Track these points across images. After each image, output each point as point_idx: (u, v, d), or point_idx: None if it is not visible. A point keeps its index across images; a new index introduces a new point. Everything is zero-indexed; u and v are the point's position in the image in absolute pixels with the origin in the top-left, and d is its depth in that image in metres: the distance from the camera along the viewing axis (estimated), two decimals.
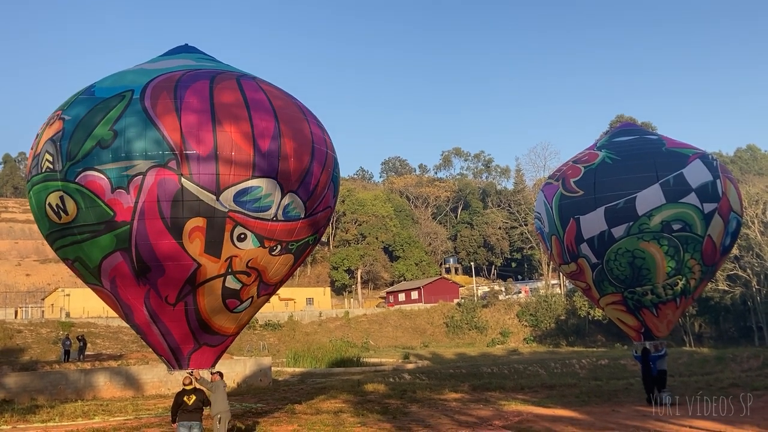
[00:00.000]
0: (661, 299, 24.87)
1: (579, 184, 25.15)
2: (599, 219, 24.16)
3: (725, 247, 24.73)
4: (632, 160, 24.70)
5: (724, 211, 24.08)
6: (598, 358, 70.36)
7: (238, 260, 18.17)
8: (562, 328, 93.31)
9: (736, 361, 65.76)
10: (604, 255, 24.55)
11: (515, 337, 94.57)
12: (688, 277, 24.36)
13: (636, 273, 24.44)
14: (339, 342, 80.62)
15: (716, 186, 24.01)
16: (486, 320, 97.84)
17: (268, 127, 18.02)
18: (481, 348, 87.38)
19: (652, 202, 23.51)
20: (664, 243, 23.69)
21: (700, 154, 24.74)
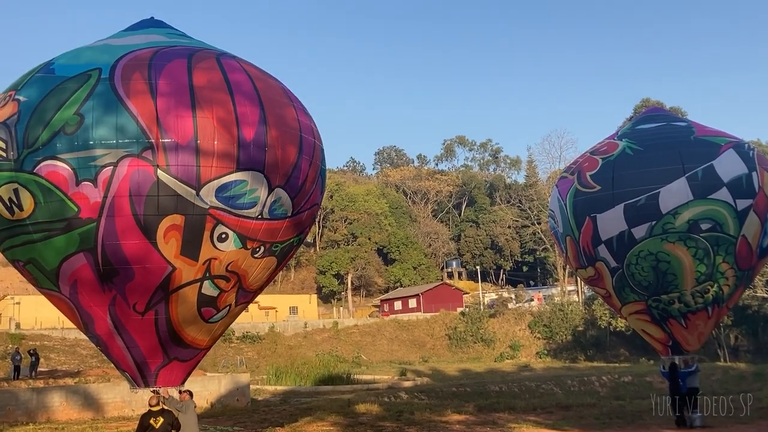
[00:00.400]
0: (690, 308, 25.07)
1: (596, 179, 25.24)
2: (618, 218, 24.26)
3: (763, 249, 24.80)
4: (656, 151, 24.75)
5: (761, 208, 24.07)
6: (621, 375, 70.77)
7: (218, 263, 18.12)
8: (580, 341, 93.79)
9: None
10: (625, 258, 24.66)
11: (527, 351, 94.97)
12: (720, 283, 24.49)
13: (661, 279, 24.58)
14: (327, 356, 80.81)
15: (752, 179, 24.00)
16: (494, 332, 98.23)
17: (252, 113, 18.00)
18: (488, 363, 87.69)
19: (677, 199, 23.60)
20: (691, 245, 23.80)
21: (734, 143, 24.76)
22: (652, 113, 28.30)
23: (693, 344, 26.45)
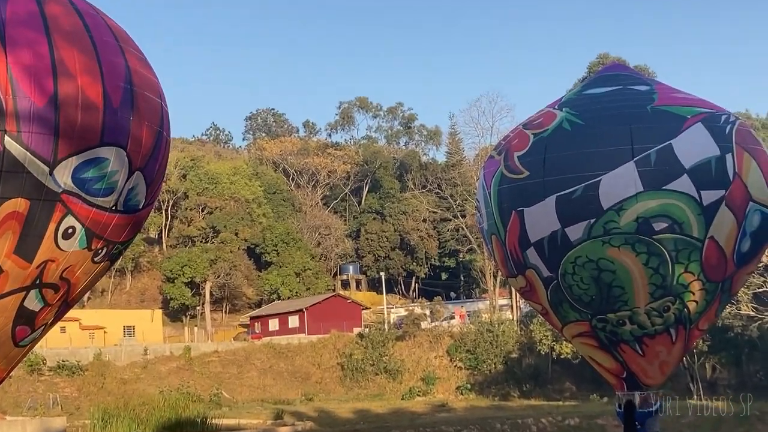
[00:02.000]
0: (646, 331, 25.52)
1: (524, 161, 25.44)
2: (549, 213, 24.51)
3: (743, 255, 25.21)
4: (599, 126, 25.04)
5: (738, 200, 24.42)
6: (566, 416, 72.51)
7: (53, 267, 18.29)
8: (514, 372, 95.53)
9: (764, 420, 69.24)
10: (559, 266, 25.04)
11: (445, 386, 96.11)
12: (684, 298, 24.94)
13: (605, 293, 24.96)
14: (175, 394, 79.78)
15: (724, 164, 24.29)
16: (401, 360, 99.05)
17: (117, 68, 18.19)
18: (394, 402, 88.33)
19: (622, 190, 23.84)
20: (641, 250, 24.10)
21: (705, 115, 25.11)
22: (609, 73, 28.78)
23: (654, 377, 26.99)
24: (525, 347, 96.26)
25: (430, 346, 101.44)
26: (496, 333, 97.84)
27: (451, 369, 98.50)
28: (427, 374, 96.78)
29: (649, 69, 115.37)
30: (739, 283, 26.33)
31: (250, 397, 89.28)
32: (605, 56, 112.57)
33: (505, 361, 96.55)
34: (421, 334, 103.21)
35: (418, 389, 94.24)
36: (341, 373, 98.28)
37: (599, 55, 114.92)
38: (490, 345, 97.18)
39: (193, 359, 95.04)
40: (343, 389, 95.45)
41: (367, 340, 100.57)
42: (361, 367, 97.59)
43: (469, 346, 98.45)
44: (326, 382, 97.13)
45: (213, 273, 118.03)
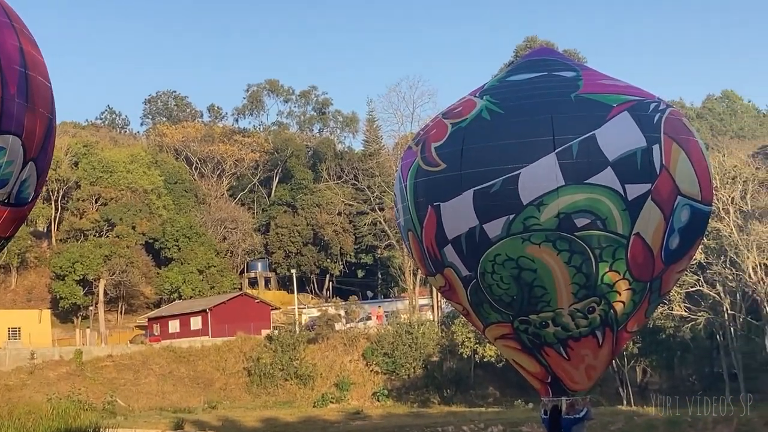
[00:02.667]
0: (570, 333, 25.94)
1: (441, 153, 25.63)
2: (467, 209, 24.69)
3: (672, 252, 25.67)
4: (520, 115, 25.24)
5: (665, 194, 24.81)
6: (489, 424, 73.28)
7: None
8: (435, 377, 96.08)
9: (696, 427, 70.73)
10: (478, 265, 25.28)
11: (360, 392, 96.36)
12: (610, 299, 25.34)
13: (527, 293, 25.26)
14: (65, 402, 78.95)
15: (651, 156, 24.65)
16: (313, 364, 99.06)
17: (12, 51, 18.34)
18: (305, 409, 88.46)
19: (543, 184, 24.05)
20: (563, 247, 24.42)
21: (632, 103, 25.43)
22: (535, 58, 29.13)
23: (581, 382, 27.44)
24: (446, 350, 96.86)
25: (345, 350, 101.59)
26: (416, 335, 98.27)
27: (367, 374, 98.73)
28: (341, 379, 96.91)
29: (579, 54, 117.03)
30: (669, 282, 26.67)
31: (147, 405, 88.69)
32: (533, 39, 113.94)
33: (425, 365, 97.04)
34: (335, 337, 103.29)
35: (332, 396, 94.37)
36: (248, 379, 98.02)
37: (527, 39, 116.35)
38: (409, 348, 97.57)
39: (84, 364, 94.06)
40: (250, 396, 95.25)
41: (276, 343, 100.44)
42: (270, 373, 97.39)
43: (386, 349, 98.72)
44: (231, 388, 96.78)
45: (107, 270, 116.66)
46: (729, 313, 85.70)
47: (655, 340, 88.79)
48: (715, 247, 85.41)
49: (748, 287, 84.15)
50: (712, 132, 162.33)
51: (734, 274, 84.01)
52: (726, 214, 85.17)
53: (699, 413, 72.93)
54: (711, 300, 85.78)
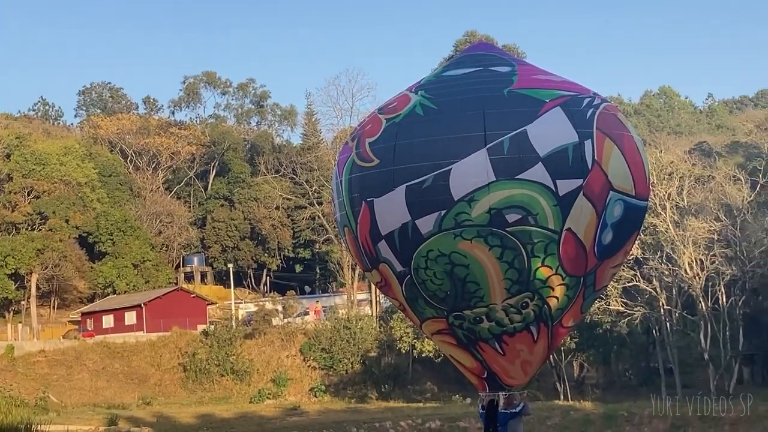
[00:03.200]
0: (504, 328, 25.99)
1: (375, 148, 25.66)
2: (400, 204, 24.77)
3: (605, 247, 25.79)
4: (452, 110, 25.27)
5: (597, 190, 24.91)
6: (426, 419, 73.55)
7: None
8: (373, 372, 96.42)
9: (632, 422, 71.52)
10: (411, 260, 25.37)
11: (297, 387, 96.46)
12: (543, 294, 25.45)
13: (460, 289, 25.29)
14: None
15: (583, 151, 24.72)
16: (250, 360, 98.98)
17: None
18: (242, 405, 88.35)
19: (474, 180, 24.10)
20: (495, 243, 24.47)
21: (566, 98, 25.52)
22: (473, 53, 29.09)
23: (517, 377, 27.55)
24: (384, 345, 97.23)
25: (282, 345, 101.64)
26: (354, 330, 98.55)
27: (305, 369, 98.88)
28: (278, 375, 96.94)
29: (518, 49, 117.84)
30: (604, 277, 26.81)
31: (80, 401, 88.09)
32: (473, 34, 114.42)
33: (363, 360, 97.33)
34: (272, 332, 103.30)
35: (268, 391, 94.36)
36: (183, 375, 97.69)
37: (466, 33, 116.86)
38: (347, 343, 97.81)
39: (16, 359, 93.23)
40: (185, 392, 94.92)
41: (212, 338, 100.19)
42: (206, 368, 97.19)
43: (324, 344, 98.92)
44: (166, 384, 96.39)
45: (40, 264, 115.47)
46: (665, 308, 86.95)
47: (592, 335, 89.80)
48: (651, 242, 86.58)
49: (684, 283, 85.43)
50: (649, 128, 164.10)
51: (670, 269, 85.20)
52: (663, 210, 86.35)
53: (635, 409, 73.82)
54: (647, 295, 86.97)
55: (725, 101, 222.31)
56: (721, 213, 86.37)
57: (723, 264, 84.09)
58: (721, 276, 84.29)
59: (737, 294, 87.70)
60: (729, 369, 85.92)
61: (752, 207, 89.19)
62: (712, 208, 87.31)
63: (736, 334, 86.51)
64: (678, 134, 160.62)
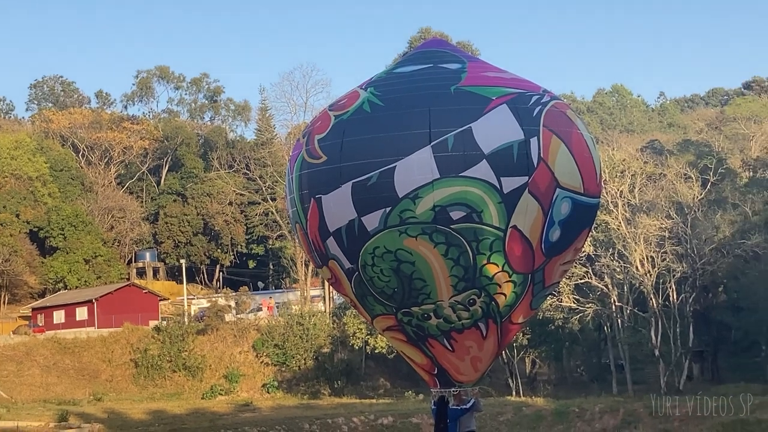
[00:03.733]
0: (453, 325, 26.20)
1: (323, 145, 25.85)
2: (346, 201, 24.96)
3: (553, 244, 25.94)
4: (398, 108, 25.44)
5: (543, 187, 24.98)
6: (379, 415, 73.79)
7: None
8: (326, 368, 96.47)
9: (583, 417, 72.16)
10: (359, 257, 25.57)
11: (250, 383, 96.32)
12: (490, 291, 25.64)
13: (407, 285, 25.53)
14: None
15: (528, 148, 24.80)
16: (202, 356, 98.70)
17: None
18: (194, 402, 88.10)
19: (418, 177, 24.26)
20: (439, 240, 24.63)
21: (513, 96, 25.58)
22: (425, 49, 29.29)
23: (467, 373, 27.76)
24: (337, 341, 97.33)
25: (235, 341, 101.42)
26: (307, 326, 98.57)
27: (257, 365, 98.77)
28: (230, 371, 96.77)
29: (472, 46, 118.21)
30: (553, 274, 26.91)
31: (31, 397, 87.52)
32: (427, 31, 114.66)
33: (316, 356, 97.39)
34: (224, 328, 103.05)
35: (221, 387, 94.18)
36: (135, 371, 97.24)
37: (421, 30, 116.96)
38: (300, 339, 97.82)
39: None
40: (137, 388, 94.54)
41: (164, 334, 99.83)
42: (158, 364, 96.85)
43: (277, 340, 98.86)
44: (118, 380, 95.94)
45: None
46: (616, 304, 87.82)
47: (544, 332, 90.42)
48: (603, 239, 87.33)
49: (635, 279, 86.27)
50: (602, 126, 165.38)
51: (622, 266, 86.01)
52: (614, 208, 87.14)
53: (586, 404, 74.43)
54: (599, 292, 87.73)
55: (677, 100, 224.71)
56: (672, 211, 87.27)
57: (674, 261, 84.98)
58: (671, 273, 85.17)
59: (687, 291, 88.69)
60: (679, 365, 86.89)
61: (703, 205, 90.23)
62: (664, 205, 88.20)
63: (686, 330, 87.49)
64: (630, 132, 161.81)
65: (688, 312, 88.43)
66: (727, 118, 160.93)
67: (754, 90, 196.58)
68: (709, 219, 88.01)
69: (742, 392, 70.71)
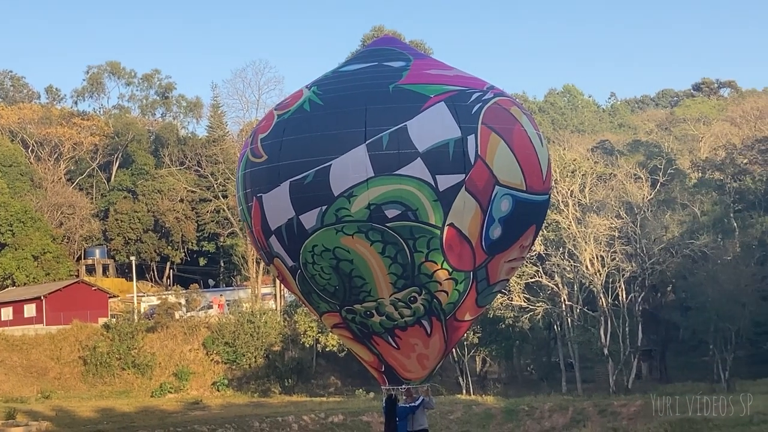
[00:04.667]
0: (396, 323, 26.35)
1: (265, 144, 26.08)
2: (284, 200, 25.17)
3: (494, 242, 25.86)
4: (337, 106, 25.59)
5: (481, 184, 24.95)
6: (330, 413, 73.95)
7: None
8: (276, 366, 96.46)
9: (533, 416, 72.69)
10: (299, 255, 25.74)
11: (200, 381, 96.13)
12: (430, 288, 25.72)
13: (347, 283, 25.67)
14: None
15: (465, 146, 24.76)
16: (152, 354, 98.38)
17: None
18: (143, 399, 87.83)
19: (353, 176, 24.39)
20: (375, 238, 24.75)
21: (453, 93, 25.57)
22: (375, 47, 29.40)
23: (414, 370, 27.81)
24: (288, 339, 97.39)
25: (185, 339, 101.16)
26: (258, 324, 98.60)
27: (208, 363, 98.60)
28: (180, 369, 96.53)
29: (425, 45, 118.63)
30: (498, 271, 26.86)
31: None
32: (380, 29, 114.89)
33: (267, 354, 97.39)
34: (174, 325, 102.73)
35: (170, 385, 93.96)
36: (84, 368, 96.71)
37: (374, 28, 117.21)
38: (250, 337, 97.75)
39: None
40: (86, 386, 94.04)
41: (113, 331, 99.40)
42: (107, 362, 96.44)
43: (227, 338, 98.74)
44: (66, 377, 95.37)
45: None
46: (566, 303, 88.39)
47: (494, 330, 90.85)
48: (554, 239, 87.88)
49: (585, 279, 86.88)
50: (553, 126, 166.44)
51: (572, 265, 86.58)
52: (565, 207, 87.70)
53: (536, 403, 74.90)
54: (549, 291, 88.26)
55: (627, 100, 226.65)
56: (622, 210, 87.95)
57: (623, 261, 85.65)
58: (621, 272, 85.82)
59: (637, 290, 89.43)
60: (628, 364, 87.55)
61: (652, 205, 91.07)
62: (614, 205, 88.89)
63: (635, 330, 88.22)
64: (581, 132, 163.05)
65: (637, 311, 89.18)
66: (677, 119, 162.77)
67: (703, 92, 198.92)
68: (658, 219, 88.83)
69: (689, 391, 71.73)
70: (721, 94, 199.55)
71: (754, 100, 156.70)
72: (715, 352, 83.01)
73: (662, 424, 61.64)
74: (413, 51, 29.76)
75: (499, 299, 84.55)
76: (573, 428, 69.01)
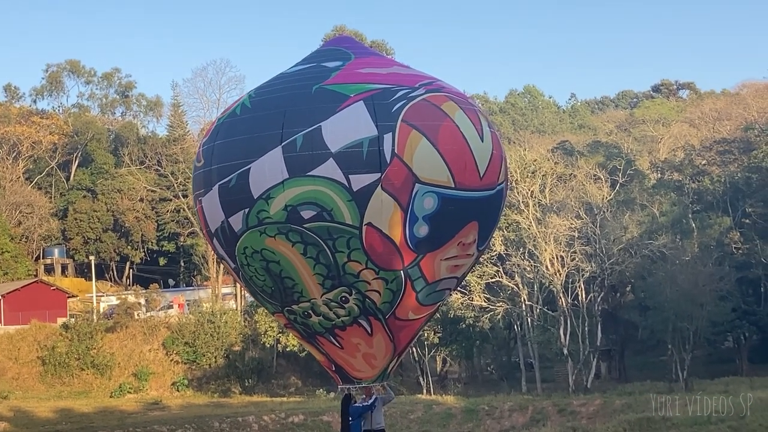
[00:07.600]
0: (333, 322, 26.56)
1: (203, 149, 26.76)
2: (216, 203, 25.77)
3: (422, 240, 25.65)
4: (260, 110, 26.01)
5: (399, 183, 24.86)
6: (290, 413, 74.13)
7: None
8: (236, 366, 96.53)
9: (493, 415, 73.06)
10: (236, 257, 26.22)
11: (159, 381, 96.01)
12: (360, 288, 25.82)
13: (279, 284, 26.05)
14: None
15: (381, 144, 24.56)
16: (111, 354, 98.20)
17: None
18: (102, 400, 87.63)
19: (270, 178, 24.73)
20: (295, 239, 25.06)
21: (375, 92, 25.47)
22: (325, 48, 29.60)
23: (364, 370, 27.94)
24: (249, 339, 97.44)
25: (144, 339, 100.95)
26: (218, 324, 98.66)
27: (167, 363, 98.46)
28: (139, 369, 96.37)
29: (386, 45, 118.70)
30: (434, 269, 26.48)
31: None
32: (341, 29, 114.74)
33: (227, 354, 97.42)
34: (134, 325, 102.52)
35: (130, 386, 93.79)
36: (42, 369, 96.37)
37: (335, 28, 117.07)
38: (210, 337, 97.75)
39: None
40: (44, 386, 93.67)
41: (72, 331, 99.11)
42: (65, 362, 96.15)
43: (187, 338, 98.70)
44: (24, 378, 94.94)
45: None
46: (526, 303, 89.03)
47: (455, 330, 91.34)
48: (514, 239, 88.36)
49: (545, 279, 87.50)
50: (514, 126, 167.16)
51: (532, 265, 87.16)
52: (525, 207, 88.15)
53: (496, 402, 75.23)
54: (510, 291, 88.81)
55: (587, 101, 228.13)
56: (582, 211, 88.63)
57: (583, 261, 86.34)
58: (581, 273, 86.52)
59: (596, 290, 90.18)
60: (587, 364, 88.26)
61: (611, 205, 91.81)
62: (573, 206, 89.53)
63: (595, 329, 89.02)
64: (541, 133, 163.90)
65: (596, 311, 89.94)
66: (636, 121, 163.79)
67: (662, 93, 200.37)
68: (617, 219, 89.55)
69: (648, 390, 72.42)
70: (680, 96, 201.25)
71: (713, 101, 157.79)
72: (674, 351, 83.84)
73: (621, 423, 62.08)
74: (362, 50, 29.57)
75: (459, 299, 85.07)
76: (533, 427, 69.42)
